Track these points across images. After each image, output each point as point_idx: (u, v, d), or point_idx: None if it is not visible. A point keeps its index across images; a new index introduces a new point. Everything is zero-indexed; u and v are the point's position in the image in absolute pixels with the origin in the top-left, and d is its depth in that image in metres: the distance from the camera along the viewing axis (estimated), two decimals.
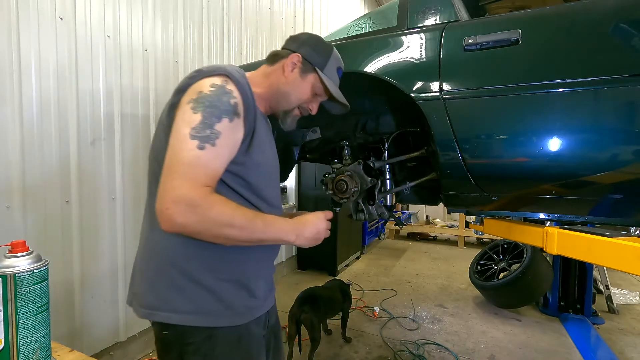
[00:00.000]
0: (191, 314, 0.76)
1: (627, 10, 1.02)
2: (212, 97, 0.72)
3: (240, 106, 0.76)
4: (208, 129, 0.70)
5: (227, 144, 0.73)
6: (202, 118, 0.70)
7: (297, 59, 0.91)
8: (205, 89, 0.73)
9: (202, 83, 0.74)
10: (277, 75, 0.92)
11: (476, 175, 1.27)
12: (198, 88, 0.74)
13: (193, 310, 0.76)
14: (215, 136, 0.70)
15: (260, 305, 0.88)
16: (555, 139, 1.10)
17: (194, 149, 0.68)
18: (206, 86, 0.74)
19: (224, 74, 0.76)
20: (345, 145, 1.68)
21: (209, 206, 0.67)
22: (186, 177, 0.67)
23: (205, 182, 0.69)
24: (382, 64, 1.35)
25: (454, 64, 1.23)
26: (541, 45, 1.12)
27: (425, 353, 2.32)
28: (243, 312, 0.82)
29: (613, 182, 1.11)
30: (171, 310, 0.76)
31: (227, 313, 0.79)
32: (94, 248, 1.90)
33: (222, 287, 0.79)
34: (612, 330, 2.72)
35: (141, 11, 2.13)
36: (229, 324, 0.79)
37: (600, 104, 1.04)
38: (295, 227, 0.82)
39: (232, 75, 0.76)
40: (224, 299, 0.79)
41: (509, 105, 1.15)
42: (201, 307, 0.77)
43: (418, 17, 1.40)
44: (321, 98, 0.99)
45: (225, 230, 0.70)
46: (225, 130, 0.72)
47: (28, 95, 1.60)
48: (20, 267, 0.78)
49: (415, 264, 4.45)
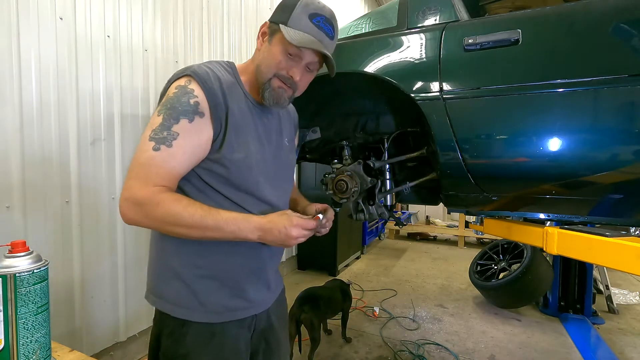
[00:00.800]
0: (169, 303, 0.82)
1: (627, 10, 1.02)
2: (173, 98, 0.75)
3: (204, 105, 0.76)
4: (165, 131, 0.72)
5: (186, 144, 0.74)
6: (162, 120, 0.73)
7: (265, 26, 0.84)
8: (171, 91, 0.76)
9: (171, 86, 0.77)
10: (255, 53, 0.87)
11: (476, 175, 1.27)
12: (168, 92, 0.77)
13: (171, 300, 0.82)
14: (172, 137, 0.72)
15: (246, 307, 0.86)
16: (555, 139, 1.10)
17: (149, 150, 0.71)
18: (172, 89, 0.76)
19: (189, 74, 0.77)
20: (345, 145, 1.68)
21: (155, 205, 0.70)
22: (138, 177, 0.71)
23: (156, 182, 0.71)
24: (382, 64, 1.35)
25: (454, 64, 1.23)
26: (541, 45, 1.13)
27: (425, 353, 2.32)
28: (220, 312, 0.82)
29: (613, 182, 1.11)
30: (157, 296, 0.84)
31: (200, 309, 0.81)
32: (94, 248, 1.90)
33: (199, 283, 0.81)
34: (612, 330, 2.72)
35: (141, 11, 2.13)
36: (202, 320, 0.81)
37: (600, 104, 1.04)
38: (260, 226, 0.76)
39: (196, 74, 0.76)
40: (199, 295, 0.81)
41: (509, 105, 1.15)
42: (178, 299, 0.81)
43: (418, 17, 1.40)
44: (301, 59, 0.81)
45: (174, 228, 0.73)
46: (183, 130, 0.73)
47: (28, 95, 1.60)
48: (20, 267, 0.78)
49: (415, 264, 4.45)
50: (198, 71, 0.77)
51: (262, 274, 0.89)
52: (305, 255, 4.00)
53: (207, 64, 0.82)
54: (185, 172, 0.77)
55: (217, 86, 0.78)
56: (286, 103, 0.87)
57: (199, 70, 0.77)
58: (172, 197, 0.72)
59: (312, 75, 0.88)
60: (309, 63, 0.83)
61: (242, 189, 0.82)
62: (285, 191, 0.97)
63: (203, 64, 0.81)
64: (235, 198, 0.82)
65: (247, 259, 0.85)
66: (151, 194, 0.70)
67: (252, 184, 0.83)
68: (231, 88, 0.82)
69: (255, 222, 0.77)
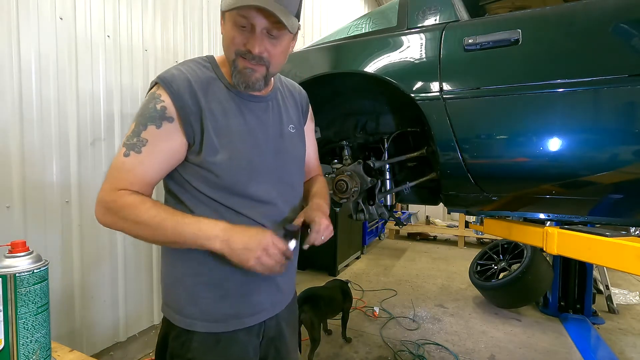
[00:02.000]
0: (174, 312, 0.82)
1: (627, 10, 1.02)
2: (143, 106, 0.76)
3: (171, 109, 0.74)
4: (135, 137, 0.73)
5: (155, 150, 0.74)
6: (133, 127, 0.75)
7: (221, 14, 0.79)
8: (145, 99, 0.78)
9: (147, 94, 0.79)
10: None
11: (476, 175, 1.27)
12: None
13: (176, 309, 0.82)
14: (142, 144, 0.73)
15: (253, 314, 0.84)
16: (555, 139, 1.10)
17: (121, 155, 0.73)
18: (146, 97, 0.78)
19: (157, 81, 0.77)
20: (345, 145, 1.68)
21: (118, 209, 0.72)
22: (108, 181, 0.74)
23: (123, 186, 0.73)
24: (382, 64, 1.35)
25: (454, 64, 1.23)
26: (541, 45, 1.12)
27: (425, 353, 2.32)
28: (224, 320, 0.81)
29: (613, 182, 1.11)
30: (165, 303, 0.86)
31: (202, 318, 0.80)
32: (94, 248, 1.90)
33: (202, 291, 0.80)
34: (612, 330, 2.72)
35: (141, 11, 2.13)
36: (205, 330, 0.80)
37: (600, 104, 1.04)
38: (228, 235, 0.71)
39: (162, 79, 0.75)
40: (201, 304, 0.80)
41: (509, 105, 1.15)
42: (181, 308, 0.81)
43: (418, 17, 1.40)
44: (254, 28, 0.73)
45: (137, 231, 0.72)
46: (152, 136, 0.73)
47: (28, 95, 1.60)
48: (20, 267, 0.78)
49: (415, 264, 4.45)
50: (164, 75, 0.76)
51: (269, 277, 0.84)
52: (305, 255, 3.97)
53: (179, 65, 0.79)
54: (159, 177, 0.78)
55: (185, 88, 0.75)
56: (261, 83, 0.79)
57: (166, 74, 0.76)
58: (135, 200, 0.71)
59: (278, 43, 0.76)
60: (265, 28, 0.72)
61: (234, 191, 0.78)
62: (291, 186, 0.90)
63: (174, 66, 0.79)
64: (231, 203, 0.78)
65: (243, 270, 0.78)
66: (116, 197, 0.72)
67: (243, 185, 0.79)
68: (207, 86, 0.78)
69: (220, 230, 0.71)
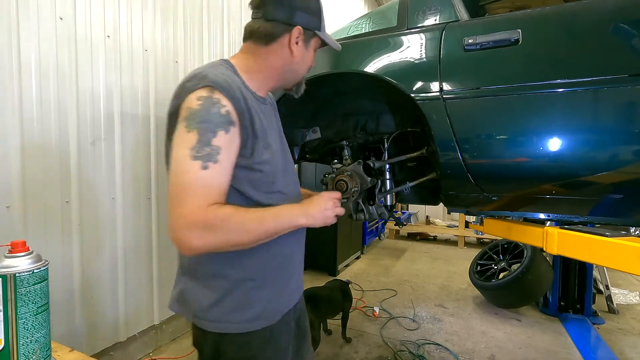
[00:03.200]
0: (225, 323, 0.80)
1: (627, 10, 1.02)
2: (202, 111, 0.69)
3: (233, 114, 0.73)
4: (207, 147, 0.68)
5: (229, 156, 0.72)
6: (198, 136, 0.68)
7: (298, 33, 0.83)
8: (193, 104, 0.70)
9: (189, 99, 0.71)
10: (281, 56, 0.85)
11: (476, 175, 1.27)
12: (186, 105, 0.71)
13: (228, 320, 0.80)
14: (216, 152, 0.68)
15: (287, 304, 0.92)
16: (555, 139, 1.10)
17: (198, 170, 0.67)
18: (193, 101, 0.70)
19: (208, 85, 0.71)
20: (345, 145, 1.68)
21: (222, 223, 0.68)
22: (195, 201, 0.66)
23: (213, 201, 0.68)
24: (382, 64, 1.35)
25: (454, 64, 1.23)
26: (541, 45, 1.12)
27: (425, 353, 2.32)
28: (273, 314, 0.86)
29: (613, 182, 1.11)
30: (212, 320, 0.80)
31: (258, 317, 0.82)
32: (94, 248, 1.90)
33: (254, 294, 0.82)
34: (612, 330, 2.72)
35: (141, 11, 2.13)
36: (261, 326, 0.83)
37: (600, 104, 1.04)
38: (304, 209, 0.82)
39: (217, 84, 0.72)
40: (255, 306, 0.82)
41: (509, 106, 1.15)
42: (235, 316, 0.80)
43: (418, 17, 1.40)
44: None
45: (243, 237, 0.72)
46: (223, 143, 0.70)
47: (28, 95, 1.60)
48: (20, 267, 0.78)
49: (415, 264, 4.45)
50: (217, 80, 0.73)
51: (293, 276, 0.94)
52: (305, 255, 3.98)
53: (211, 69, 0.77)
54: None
55: (238, 93, 0.75)
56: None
57: (217, 79, 0.73)
58: (231, 209, 0.70)
59: None
60: None
61: (272, 188, 0.83)
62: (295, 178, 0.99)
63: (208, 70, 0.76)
64: (266, 199, 0.82)
65: (283, 263, 0.89)
66: (216, 213, 0.67)
67: (278, 181, 0.85)
68: (243, 90, 0.79)
69: (298, 208, 0.82)
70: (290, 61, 0.86)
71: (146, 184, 2.20)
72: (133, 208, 2.11)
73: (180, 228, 0.66)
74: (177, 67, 2.40)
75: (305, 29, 0.85)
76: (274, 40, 0.84)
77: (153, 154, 2.24)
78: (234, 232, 0.70)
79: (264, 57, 0.86)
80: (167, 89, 2.32)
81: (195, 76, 0.74)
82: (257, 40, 0.85)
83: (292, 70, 0.89)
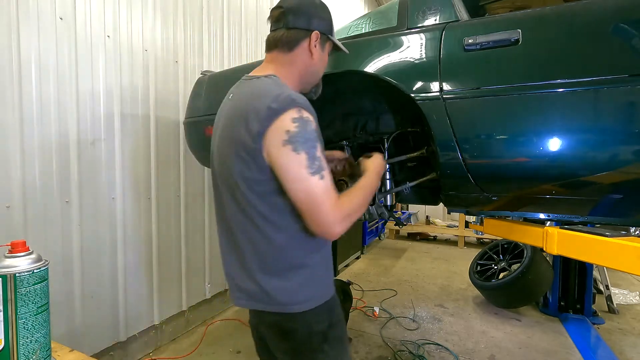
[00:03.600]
0: (316, 299, 0.94)
1: (627, 10, 1.02)
2: (301, 132, 0.82)
3: (317, 126, 0.87)
4: (316, 161, 0.82)
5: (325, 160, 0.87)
6: (306, 155, 0.82)
7: (316, 37, 0.96)
8: (290, 127, 0.81)
9: (284, 121, 0.82)
10: (303, 59, 0.97)
11: (476, 175, 1.27)
12: (284, 127, 0.81)
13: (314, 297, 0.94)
14: (321, 160, 0.84)
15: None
16: (556, 139, 1.10)
17: (318, 182, 0.82)
18: (289, 123, 0.82)
19: (296, 106, 0.83)
20: (345, 145, 1.68)
21: (351, 210, 0.87)
22: (328, 204, 0.83)
23: (336, 197, 0.85)
24: (382, 64, 1.35)
25: (454, 64, 1.23)
26: (541, 45, 1.12)
27: (425, 353, 2.32)
28: (332, 286, 1.03)
29: (613, 182, 1.11)
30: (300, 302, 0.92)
31: (329, 290, 0.99)
32: (94, 248, 1.90)
33: (326, 270, 0.99)
34: (612, 330, 2.72)
35: (141, 11, 2.13)
36: (330, 295, 0.99)
37: (600, 104, 1.04)
38: (376, 174, 1.05)
39: (300, 103, 0.84)
40: (329, 279, 1.00)
41: (509, 105, 1.15)
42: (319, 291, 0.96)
43: (418, 17, 1.40)
44: None
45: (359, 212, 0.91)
46: (320, 152, 0.85)
47: (28, 95, 1.60)
48: (20, 267, 0.78)
49: (415, 264, 4.45)
50: (298, 100, 0.85)
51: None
52: None
53: (285, 89, 0.87)
54: None
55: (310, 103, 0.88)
56: None
57: (298, 98, 0.85)
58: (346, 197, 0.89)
59: None
60: None
61: None
62: None
63: (285, 90, 0.86)
64: None
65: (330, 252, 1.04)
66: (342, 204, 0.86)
67: None
68: None
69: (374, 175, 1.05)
70: (311, 63, 0.99)
71: (146, 184, 2.20)
72: (133, 208, 2.11)
73: (330, 226, 0.84)
74: (177, 67, 2.40)
75: (321, 33, 0.97)
76: (297, 45, 0.96)
77: (153, 154, 2.24)
78: (356, 212, 0.89)
79: (290, 62, 0.97)
80: (167, 89, 2.33)
81: (276, 98, 0.83)
82: (282, 47, 0.96)
83: (312, 72, 1.01)
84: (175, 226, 2.43)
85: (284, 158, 0.82)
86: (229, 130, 0.90)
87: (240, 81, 1.00)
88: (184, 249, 2.50)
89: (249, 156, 0.85)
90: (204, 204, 2.69)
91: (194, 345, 2.37)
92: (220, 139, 0.94)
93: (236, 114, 0.88)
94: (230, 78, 1.86)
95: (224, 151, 0.91)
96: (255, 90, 0.89)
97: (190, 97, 1.90)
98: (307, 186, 0.82)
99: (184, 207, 2.48)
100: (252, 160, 0.85)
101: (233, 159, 0.88)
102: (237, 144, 0.86)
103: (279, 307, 0.91)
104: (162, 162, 2.31)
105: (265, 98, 0.84)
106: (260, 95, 0.86)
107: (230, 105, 0.94)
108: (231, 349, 2.35)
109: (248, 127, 0.84)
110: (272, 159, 0.83)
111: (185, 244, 2.51)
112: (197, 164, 2.44)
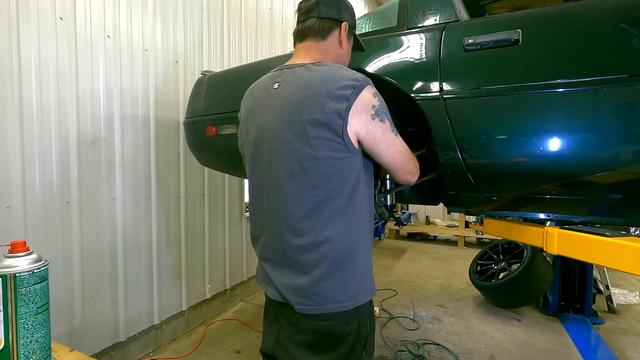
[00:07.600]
0: (367, 294, 0.95)
1: (627, 10, 1.02)
2: (381, 104, 0.93)
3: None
4: (393, 124, 0.96)
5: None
6: (388, 122, 0.94)
7: (345, 27, 1.01)
8: (375, 101, 0.90)
9: (367, 96, 0.89)
10: (335, 48, 1.02)
11: (476, 175, 1.27)
12: (369, 102, 0.89)
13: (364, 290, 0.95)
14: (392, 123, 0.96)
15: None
16: (555, 139, 1.10)
17: (401, 140, 0.99)
18: (372, 98, 0.90)
19: (369, 82, 0.91)
20: None
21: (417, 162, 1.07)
22: (407, 155, 1.01)
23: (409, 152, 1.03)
24: (382, 63, 1.35)
25: (454, 64, 1.23)
26: (541, 45, 1.12)
27: (425, 353, 2.32)
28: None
29: (613, 182, 1.11)
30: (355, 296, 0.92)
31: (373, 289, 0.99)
32: (94, 248, 1.90)
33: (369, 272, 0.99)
34: (612, 330, 2.72)
35: (141, 11, 2.13)
36: (372, 296, 0.99)
37: (600, 104, 1.04)
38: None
39: (370, 81, 0.91)
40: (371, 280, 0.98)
41: (509, 105, 1.15)
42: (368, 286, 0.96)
43: (418, 17, 1.40)
44: None
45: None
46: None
47: (28, 96, 1.60)
48: (20, 267, 0.78)
49: (415, 264, 4.45)
50: (365, 77, 0.91)
51: None
52: None
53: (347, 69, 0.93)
54: None
55: None
56: None
57: (362, 76, 0.91)
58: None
59: None
60: None
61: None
62: None
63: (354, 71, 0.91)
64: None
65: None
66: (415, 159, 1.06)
67: None
68: None
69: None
70: (341, 53, 1.04)
71: (146, 184, 2.20)
72: (133, 208, 2.11)
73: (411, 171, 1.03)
74: (177, 67, 2.40)
75: (349, 25, 1.03)
76: (330, 34, 1.01)
77: (153, 154, 2.24)
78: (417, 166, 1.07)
79: (324, 51, 1.01)
80: (167, 89, 2.33)
81: (352, 77, 0.89)
82: (316, 35, 1.00)
83: (341, 63, 1.03)
84: (175, 226, 2.43)
85: (377, 129, 0.91)
86: (294, 115, 0.88)
87: (279, 71, 0.99)
88: (184, 249, 2.50)
89: (329, 132, 0.86)
90: (204, 204, 2.69)
91: (194, 345, 2.37)
92: (276, 129, 0.92)
93: (302, 99, 0.88)
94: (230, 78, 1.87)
95: (286, 137, 0.90)
96: (326, 74, 0.90)
97: (190, 97, 1.91)
98: (398, 145, 0.97)
99: (184, 207, 2.48)
100: (334, 136, 0.87)
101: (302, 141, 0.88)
102: (312, 125, 0.86)
103: (331, 303, 0.90)
104: (162, 162, 2.31)
105: (341, 79, 0.88)
106: (333, 78, 0.88)
107: (284, 94, 0.92)
108: (231, 349, 2.35)
109: (326, 108, 0.85)
110: (361, 132, 0.89)
111: (185, 244, 2.51)
112: (197, 164, 2.44)
